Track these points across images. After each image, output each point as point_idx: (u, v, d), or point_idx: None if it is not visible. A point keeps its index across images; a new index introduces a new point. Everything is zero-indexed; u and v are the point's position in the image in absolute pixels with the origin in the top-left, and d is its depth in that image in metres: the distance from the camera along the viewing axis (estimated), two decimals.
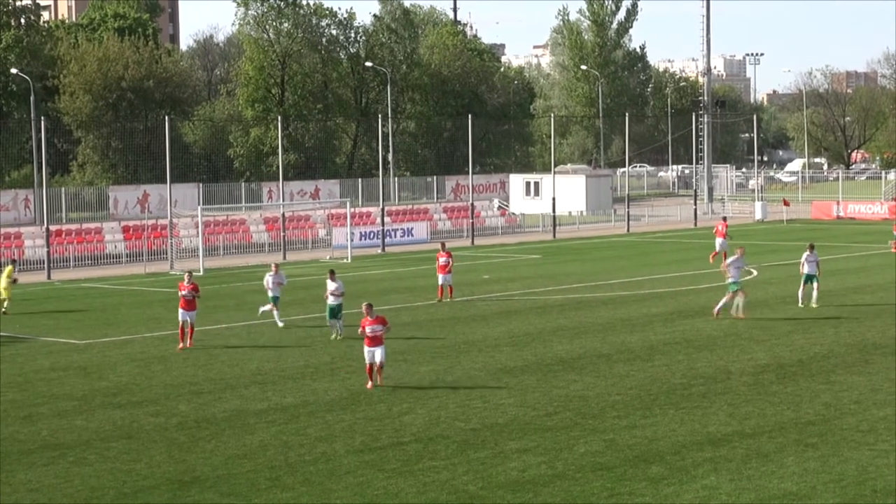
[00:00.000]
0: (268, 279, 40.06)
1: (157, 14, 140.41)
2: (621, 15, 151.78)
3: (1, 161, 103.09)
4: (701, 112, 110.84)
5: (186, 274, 37.83)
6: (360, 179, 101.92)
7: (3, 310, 45.38)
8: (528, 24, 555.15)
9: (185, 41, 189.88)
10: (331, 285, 37.42)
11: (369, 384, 29.81)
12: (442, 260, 46.30)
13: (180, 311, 36.52)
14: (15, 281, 47.32)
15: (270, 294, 40.01)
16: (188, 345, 36.38)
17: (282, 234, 70.92)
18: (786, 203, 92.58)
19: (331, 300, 37.33)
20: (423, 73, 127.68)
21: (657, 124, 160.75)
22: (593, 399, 28.12)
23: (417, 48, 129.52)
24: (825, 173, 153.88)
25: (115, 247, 69.25)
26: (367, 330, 29.79)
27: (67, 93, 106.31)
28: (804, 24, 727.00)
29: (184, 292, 36.29)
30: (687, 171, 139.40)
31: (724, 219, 63.38)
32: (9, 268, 47.29)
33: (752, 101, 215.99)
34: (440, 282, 46.53)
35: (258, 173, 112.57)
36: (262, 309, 40.94)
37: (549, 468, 22.42)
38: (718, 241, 59.02)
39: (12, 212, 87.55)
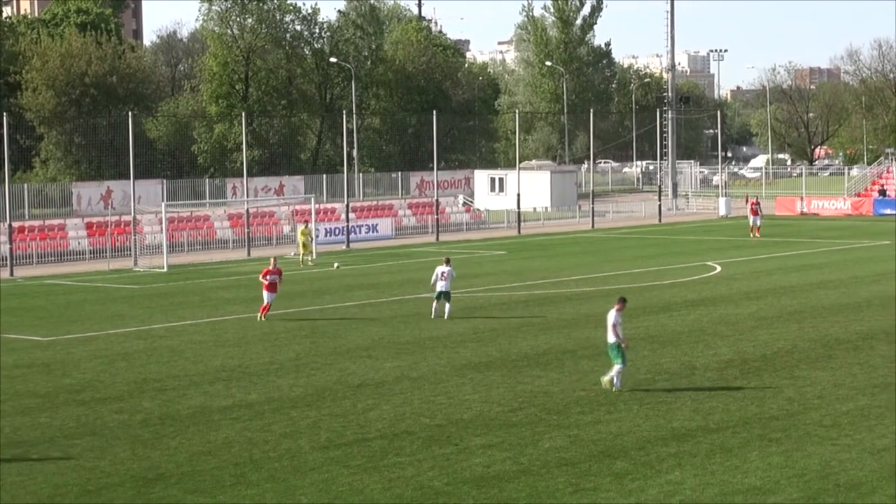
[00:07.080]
0: None
1: (121, 9, 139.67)
2: (586, 11, 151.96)
3: None
4: (665, 108, 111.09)
5: (272, 259, 42.51)
6: (324, 175, 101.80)
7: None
8: (493, 19, 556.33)
9: (149, 37, 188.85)
10: (444, 269, 39.91)
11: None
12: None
13: (265, 293, 40.66)
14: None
15: None
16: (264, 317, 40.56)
17: (246, 230, 70.77)
18: (748, 201, 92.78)
19: (440, 285, 39.77)
20: (388, 68, 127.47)
21: (622, 120, 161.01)
22: (558, 395, 28.16)
23: (382, 44, 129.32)
24: (788, 169, 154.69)
25: (79, 243, 68.94)
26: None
27: (30, 88, 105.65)
28: (768, 21, 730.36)
29: (268, 278, 40.55)
30: (651, 168, 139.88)
31: (756, 198, 77.47)
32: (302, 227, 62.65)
33: (716, 97, 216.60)
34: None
35: (222, 169, 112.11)
36: None
37: (514, 464, 22.44)
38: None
39: None
